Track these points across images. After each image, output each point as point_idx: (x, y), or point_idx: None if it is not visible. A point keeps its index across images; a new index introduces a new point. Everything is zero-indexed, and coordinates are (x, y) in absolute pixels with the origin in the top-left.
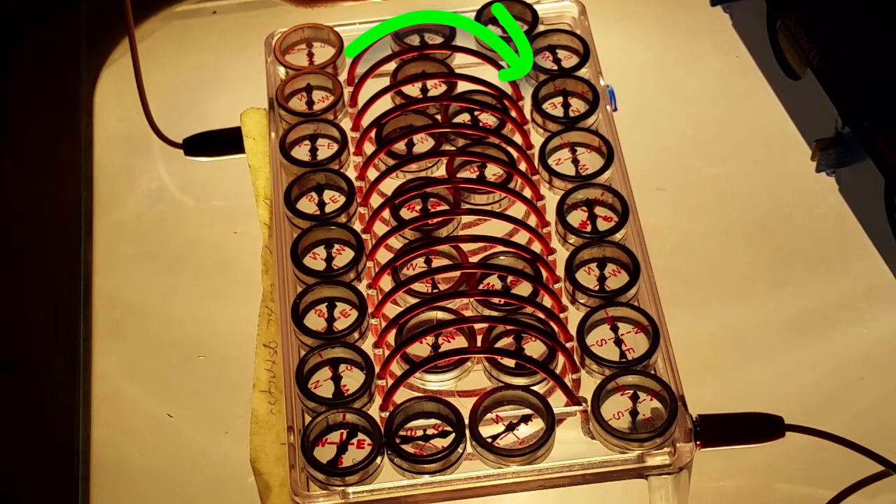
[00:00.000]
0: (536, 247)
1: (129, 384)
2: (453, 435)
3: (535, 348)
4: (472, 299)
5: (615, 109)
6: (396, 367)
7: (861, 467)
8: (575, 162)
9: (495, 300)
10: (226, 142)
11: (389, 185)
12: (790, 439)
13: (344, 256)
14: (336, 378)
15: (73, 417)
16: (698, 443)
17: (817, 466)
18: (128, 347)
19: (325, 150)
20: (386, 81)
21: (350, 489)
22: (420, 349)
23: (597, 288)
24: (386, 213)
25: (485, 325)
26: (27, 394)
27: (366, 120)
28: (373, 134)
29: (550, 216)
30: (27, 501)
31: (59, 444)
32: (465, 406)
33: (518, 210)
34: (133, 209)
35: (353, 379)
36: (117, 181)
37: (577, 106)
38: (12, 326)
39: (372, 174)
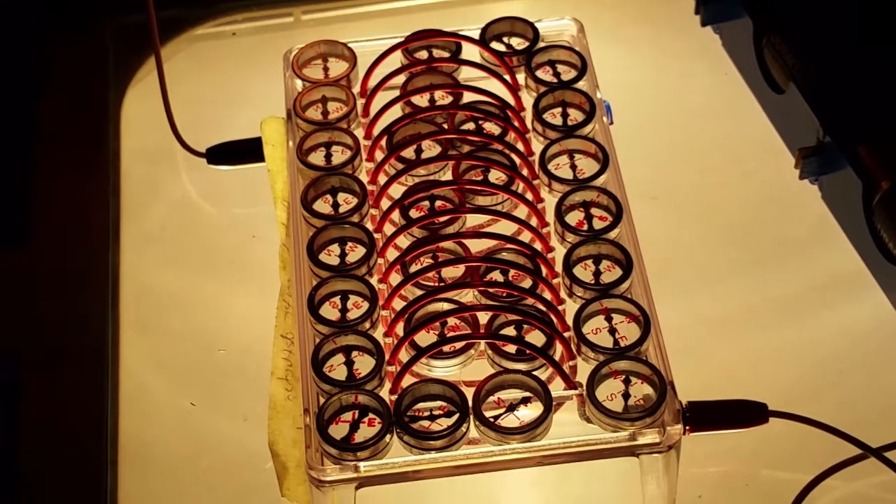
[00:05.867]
0: (537, 245)
1: (155, 376)
2: (457, 415)
3: (535, 338)
4: (475, 291)
5: (611, 123)
6: (405, 355)
7: (840, 451)
8: (573, 167)
9: (496, 291)
10: (246, 151)
11: (399, 190)
12: (773, 425)
13: (356, 253)
14: (349, 363)
15: (102, 407)
16: (687, 427)
17: (799, 450)
18: (153, 343)
19: (339, 155)
20: (396, 93)
21: (361, 464)
22: (428, 339)
23: (592, 282)
24: (395, 216)
25: (488, 314)
26: (61, 385)
27: (377, 129)
28: (383, 142)
29: (550, 217)
30: (60, 484)
31: (89, 432)
32: (469, 393)
33: (520, 212)
34: (158, 215)
35: (364, 364)
36: (143, 190)
37: (575, 116)
38: (46, 326)
39: (382, 179)
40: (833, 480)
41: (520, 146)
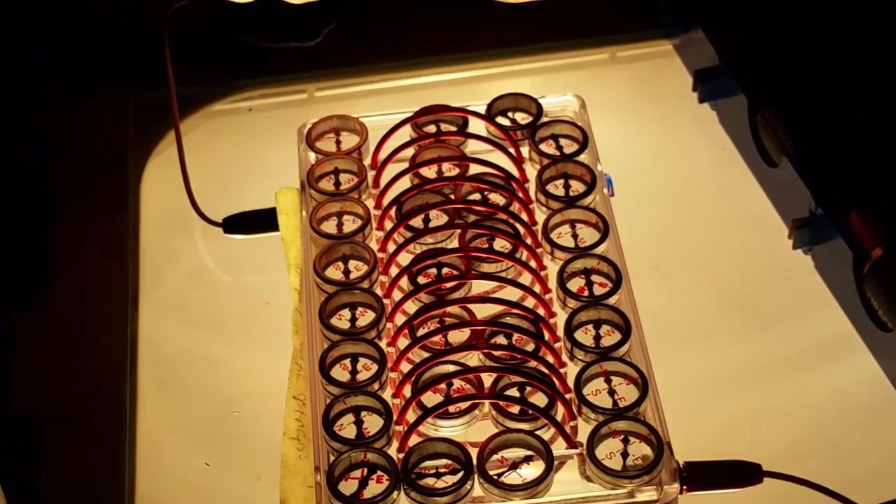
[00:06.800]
0: (540, 311)
1: (171, 437)
2: (462, 472)
3: (537, 400)
4: (480, 354)
5: (612, 195)
6: (412, 415)
7: None
8: (574, 236)
9: (500, 353)
10: (261, 221)
11: (408, 258)
12: (768, 485)
13: (366, 317)
14: (358, 422)
15: (120, 467)
16: (685, 487)
17: None
18: (169, 405)
19: (350, 224)
20: (405, 166)
21: None
22: (434, 400)
23: (593, 345)
24: (404, 282)
25: (492, 377)
26: (80, 445)
27: (387, 199)
28: (393, 212)
29: (552, 284)
30: None
31: (107, 492)
32: (474, 452)
33: (524, 279)
34: (175, 282)
35: (373, 424)
36: (161, 258)
37: (577, 187)
38: (66, 388)
39: (392, 247)
40: None
41: (524, 216)
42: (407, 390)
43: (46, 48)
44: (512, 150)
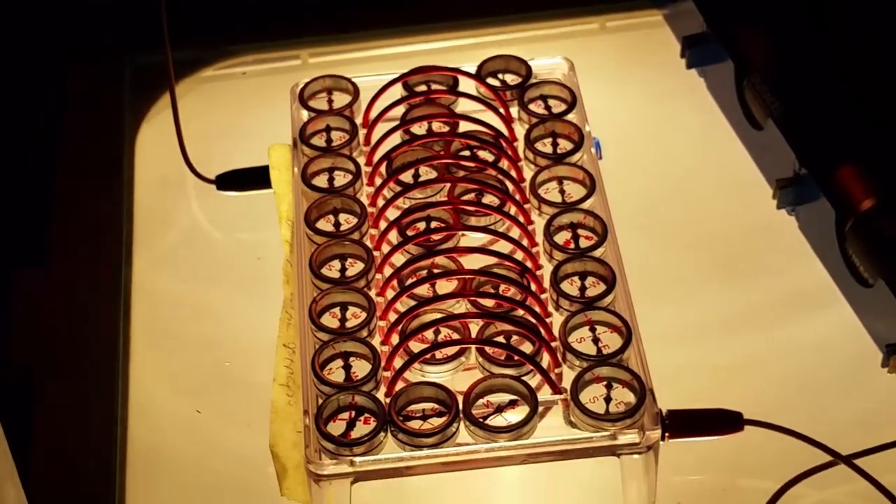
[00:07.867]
0: (528, 263)
1: (163, 387)
2: (448, 415)
3: (523, 349)
4: (467, 302)
5: (600, 158)
6: (399, 362)
7: (813, 459)
8: (561, 192)
9: (488, 302)
10: (254, 177)
11: (397, 213)
12: (749, 433)
13: (356, 268)
14: (347, 367)
15: (113, 415)
16: (667, 434)
17: (774, 458)
18: (162, 356)
19: (341, 179)
20: (396, 125)
21: (357, 459)
22: (422, 347)
23: (578, 296)
24: (393, 235)
25: (479, 323)
26: (75, 394)
27: (377, 156)
28: (383, 168)
29: (539, 238)
30: (72, 488)
31: (100, 438)
32: (461, 397)
33: (512, 234)
34: (169, 238)
35: (361, 369)
36: (155, 215)
37: (565, 145)
38: (62, 339)
39: (381, 202)
40: (805, 488)
41: (512, 173)
42: (395, 339)
43: (44, 14)
44: (501, 110)
